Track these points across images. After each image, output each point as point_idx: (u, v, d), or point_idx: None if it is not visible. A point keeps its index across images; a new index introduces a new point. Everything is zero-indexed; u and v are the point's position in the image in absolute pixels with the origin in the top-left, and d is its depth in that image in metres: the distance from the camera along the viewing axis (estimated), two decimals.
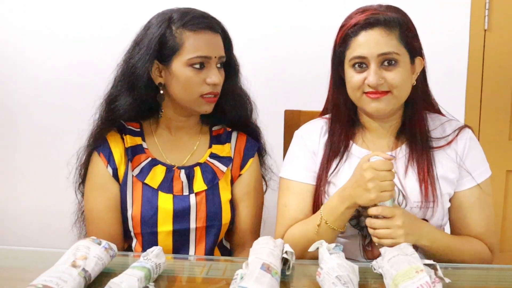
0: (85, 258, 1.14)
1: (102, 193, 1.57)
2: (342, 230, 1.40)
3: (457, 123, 1.53)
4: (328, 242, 1.26)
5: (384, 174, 1.28)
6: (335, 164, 1.51)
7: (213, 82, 1.52)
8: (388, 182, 1.29)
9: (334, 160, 1.51)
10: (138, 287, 1.07)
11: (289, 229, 1.50)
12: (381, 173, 1.28)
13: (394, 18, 1.40)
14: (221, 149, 1.66)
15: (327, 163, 1.51)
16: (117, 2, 2.49)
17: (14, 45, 2.53)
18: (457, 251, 1.40)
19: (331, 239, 1.39)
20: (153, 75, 1.54)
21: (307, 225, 1.45)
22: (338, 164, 1.50)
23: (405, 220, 1.30)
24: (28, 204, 2.60)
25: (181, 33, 1.50)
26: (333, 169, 1.50)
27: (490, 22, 2.44)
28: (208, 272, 1.33)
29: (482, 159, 1.50)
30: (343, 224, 1.40)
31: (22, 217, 2.61)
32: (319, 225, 1.40)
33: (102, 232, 1.55)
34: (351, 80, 1.43)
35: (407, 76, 1.42)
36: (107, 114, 1.58)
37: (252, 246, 1.24)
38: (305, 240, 1.40)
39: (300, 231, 1.47)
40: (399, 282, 1.06)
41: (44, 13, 2.50)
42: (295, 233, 1.47)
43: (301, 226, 1.47)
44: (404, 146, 1.49)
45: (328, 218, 1.39)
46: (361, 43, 1.40)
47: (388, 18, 1.39)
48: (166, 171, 1.59)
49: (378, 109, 1.42)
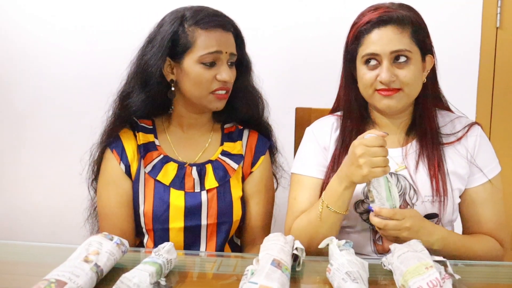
0: (97, 253, 1.15)
1: (115, 189, 1.59)
2: (344, 212, 1.39)
3: (467, 120, 1.54)
4: (332, 228, 1.27)
5: (375, 150, 1.28)
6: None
7: (224, 79, 1.53)
8: (380, 158, 1.28)
9: (345, 155, 1.51)
10: (150, 282, 1.07)
11: (295, 220, 1.51)
12: (372, 149, 1.28)
13: (406, 16, 1.41)
14: (233, 146, 1.67)
15: (338, 158, 1.52)
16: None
17: (23, 42, 2.54)
18: (469, 251, 1.41)
19: (334, 223, 1.40)
20: (165, 72, 1.56)
21: (310, 213, 1.45)
22: None
23: (414, 223, 1.30)
24: (41, 200, 2.61)
25: (193, 31, 1.52)
26: None
27: (502, 20, 2.43)
28: (218, 268, 1.33)
29: (493, 155, 1.51)
30: (344, 206, 1.39)
31: (36, 213, 2.63)
32: (321, 211, 1.40)
33: (114, 228, 1.56)
34: (363, 77, 1.44)
35: (418, 73, 1.43)
36: (120, 110, 1.60)
37: (263, 242, 1.25)
38: (311, 228, 1.42)
39: (305, 219, 1.47)
40: (408, 278, 1.07)
41: (54, 10, 2.51)
42: (301, 222, 1.48)
43: (306, 215, 1.48)
44: (415, 142, 1.50)
45: (329, 201, 1.39)
46: (374, 40, 1.41)
47: (401, 16, 1.41)
48: (178, 168, 1.60)
49: (389, 106, 1.43)
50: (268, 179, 1.72)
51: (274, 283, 1.03)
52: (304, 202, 1.52)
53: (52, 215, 2.61)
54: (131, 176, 1.60)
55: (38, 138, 2.58)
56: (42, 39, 2.52)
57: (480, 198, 1.47)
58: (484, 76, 2.46)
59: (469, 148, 1.48)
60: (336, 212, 1.38)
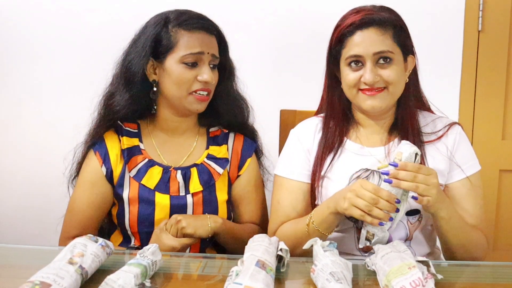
0: (82, 255, 1.15)
1: (90, 189, 1.59)
2: (327, 234, 1.42)
3: (448, 120, 1.57)
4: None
5: (363, 193, 1.28)
6: (329, 160, 1.53)
7: (205, 79, 1.53)
8: (363, 202, 1.28)
9: (328, 155, 1.53)
10: (135, 284, 1.08)
11: (281, 226, 1.53)
12: (362, 191, 1.29)
13: (388, 18, 1.44)
14: (218, 150, 1.68)
15: (321, 159, 1.53)
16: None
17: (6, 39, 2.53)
18: (467, 233, 1.43)
19: (319, 237, 1.40)
20: (147, 72, 1.56)
21: (298, 224, 1.48)
22: (332, 160, 1.53)
23: (437, 181, 1.31)
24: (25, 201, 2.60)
25: (177, 31, 1.53)
26: (328, 164, 1.53)
27: (484, 23, 2.46)
28: (204, 269, 1.34)
29: (472, 154, 1.54)
30: (329, 229, 1.42)
31: (18, 215, 2.61)
32: (308, 225, 1.43)
33: (78, 224, 1.59)
34: (347, 78, 1.46)
35: (401, 73, 1.46)
36: (104, 111, 1.61)
37: (248, 243, 1.25)
38: (295, 238, 1.44)
39: (291, 229, 1.49)
40: (391, 278, 1.08)
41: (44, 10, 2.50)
42: (287, 230, 1.50)
43: (293, 225, 1.50)
44: (397, 141, 1.52)
45: (316, 220, 1.42)
46: (357, 42, 1.43)
47: (383, 18, 1.43)
48: (163, 172, 1.60)
49: (373, 106, 1.45)
50: (258, 179, 1.73)
51: (258, 283, 1.04)
52: (288, 206, 1.54)
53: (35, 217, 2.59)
54: (113, 180, 1.60)
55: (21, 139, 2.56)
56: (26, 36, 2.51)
57: (460, 194, 1.50)
58: (467, 78, 2.50)
59: (449, 146, 1.51)
60: (319, 231, 1.41)
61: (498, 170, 2.55)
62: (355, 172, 1.50)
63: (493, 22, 2.46)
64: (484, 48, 2.48)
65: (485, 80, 2.50)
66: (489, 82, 2.50)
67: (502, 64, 2.49)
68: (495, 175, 2.54)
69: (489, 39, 2.47)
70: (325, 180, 1.52)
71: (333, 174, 1.51)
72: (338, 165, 1.52)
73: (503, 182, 2.57)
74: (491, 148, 2.52)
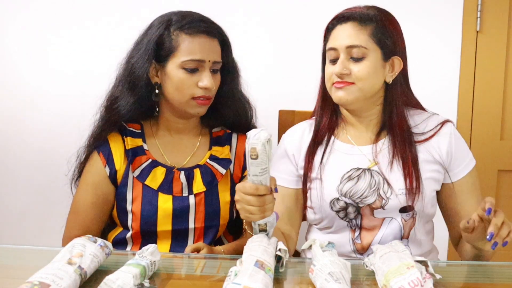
0: (81, 256, 1.15)
1: (93, 190, 1.60)
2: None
3: (440, 118, 1.57)
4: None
5: (248, 199, 1.25)
6: (319, 156, 1.53)
7: (205, 86, 1.53)
8: (254, 208, 1.25)
9: (317, 152, 1.54)
10: (133, 284, 1.08)
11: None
12: (246, 197, 1.25)
13: (369, 14, 1.45)
14: (221, 151, 1.68)
15: (312, 155, 1.54)
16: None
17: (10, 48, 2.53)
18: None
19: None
20: (150, 75, 1.56)
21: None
22: (322, 160, 1.53)
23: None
24: (25, 202, 2.60)
25: (178, 35, 1.53)
26: (318, 165, 1.53)
27: (482, 23, 2.46)
28: (203, 269, 1.34)
29: (467, 149, 1.56)
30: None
31: (21, 215, 2.61)
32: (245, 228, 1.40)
33: (81, 225, 1.59)
34: (325, 72, 1.50)
35: (375, 71, 1.45)
36: (109, 114, 1.61)
37: (247, 243, 1.25)
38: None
39: None
40: (390, 278, 1.08)
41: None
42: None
43: None
44: (386, 139, 1.52)
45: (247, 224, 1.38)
46: (334, 35, 1.47)
47: (363, 14, 1.45)
48: (166, 172, 1.60)
49: (340, 98, 1.46)
50: None
51: (257, 283, 1.04)
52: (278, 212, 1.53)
53: (36, 217, 2.59)
54: (117, 180, 1.60)
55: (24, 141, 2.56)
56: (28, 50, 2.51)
57: (465, 190, 1.51)
58: (465, 79, 2.50)
59: (445, 144, 1.50)
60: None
61: (497, 170, 2.55)
62: (346, 172, 1.50)
63: (492, 23, 2.46)
64: (482, 48, 2.48)
65: (483, 80, 2.50)
66: (487, 82, 2.50)
67: (500, 64, 2.49)
68: (494, 175, 2.54)
69: (488, 40, 2.47)
70: (317, 181, 1.52)
71: (325, 175, 1.51)
72: (328, 166, 1.52)
73: (502, 182, 2.57)
74: (489, 148, 2.53)
